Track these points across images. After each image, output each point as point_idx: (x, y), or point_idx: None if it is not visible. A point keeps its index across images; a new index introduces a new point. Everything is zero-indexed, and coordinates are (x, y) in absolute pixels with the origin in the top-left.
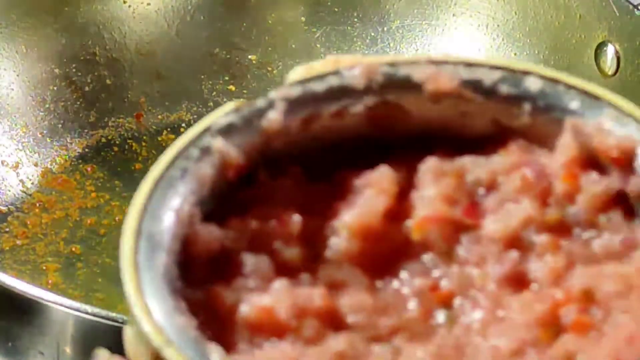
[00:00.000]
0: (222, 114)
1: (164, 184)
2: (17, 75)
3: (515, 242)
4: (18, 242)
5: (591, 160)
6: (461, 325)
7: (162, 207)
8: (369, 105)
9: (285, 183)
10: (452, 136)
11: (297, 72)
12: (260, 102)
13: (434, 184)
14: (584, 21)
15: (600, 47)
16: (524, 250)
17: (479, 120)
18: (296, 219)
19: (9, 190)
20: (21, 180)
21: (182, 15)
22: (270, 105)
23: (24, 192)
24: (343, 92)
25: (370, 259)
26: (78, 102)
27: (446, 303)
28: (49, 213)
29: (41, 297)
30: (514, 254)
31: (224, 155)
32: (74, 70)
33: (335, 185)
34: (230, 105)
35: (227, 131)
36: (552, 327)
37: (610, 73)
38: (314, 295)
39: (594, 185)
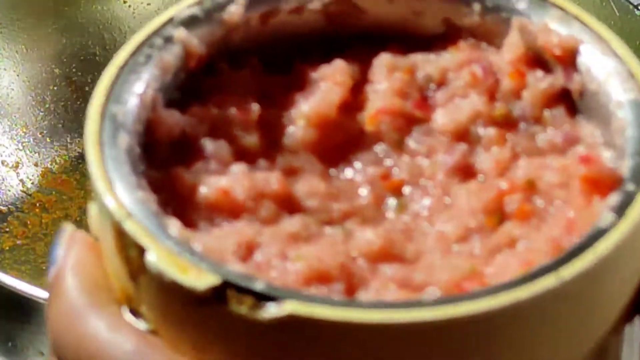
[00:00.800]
0: (185, 6)
1: (127, 70)
2: (17, 75)
3: (464, 135)
4: (18, 242)
5: (537, 58)
6: (410, 212)
7: (125, 91)
8: (325, 2)
9: (244, 74)
10: (405, 35)
11: None
12: None
13: (386, 79)
14: None
15: None
16: (471, 143)
17: (431, 19)
18: (255, 107)
19: (9, 190)
20: (21, 180)
21: None
22: None
23: (24, 192)
24: None
25: (325, 148)
26: (78, 102)
27: (397, 191)
28: (49, 213)
29: (41, 297)
30: (462, 146)
31: (186, 45)
32: (74, 70)
33: (292, 77)
34: None
35: (189, 22)
36: (496, 214)
37: None
38: (271, 179)
39: (539, 82)
